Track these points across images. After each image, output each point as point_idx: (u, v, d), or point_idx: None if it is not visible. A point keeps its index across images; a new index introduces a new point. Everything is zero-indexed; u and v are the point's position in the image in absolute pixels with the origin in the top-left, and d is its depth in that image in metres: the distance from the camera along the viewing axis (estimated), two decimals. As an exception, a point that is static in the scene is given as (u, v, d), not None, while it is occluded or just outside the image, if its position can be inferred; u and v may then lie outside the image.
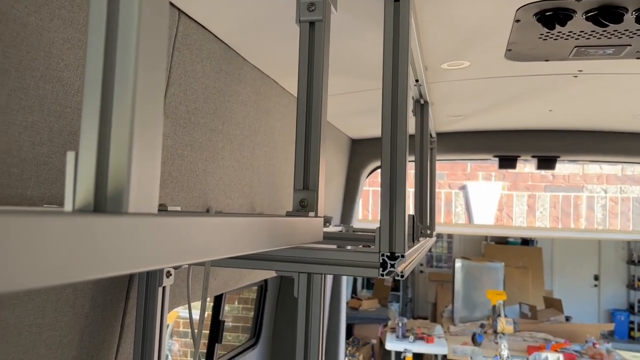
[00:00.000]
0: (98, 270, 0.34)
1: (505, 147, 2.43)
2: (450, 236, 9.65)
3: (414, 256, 1.05)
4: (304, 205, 0.79)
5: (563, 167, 5.28)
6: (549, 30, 1.01)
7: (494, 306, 5.95)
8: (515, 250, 8.59)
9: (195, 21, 1.07)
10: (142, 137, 0.37)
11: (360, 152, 2.74)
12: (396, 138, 0.91)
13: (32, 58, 0.73)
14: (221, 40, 1.18)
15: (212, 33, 1.14)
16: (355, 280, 8.52)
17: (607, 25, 0.95)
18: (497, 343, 5.33)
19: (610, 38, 1.07)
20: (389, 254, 0.86)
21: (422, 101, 1.73)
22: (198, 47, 1.10)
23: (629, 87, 1.60)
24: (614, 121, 2.10)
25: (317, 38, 0.84)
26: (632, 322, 9.02)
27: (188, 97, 1.10)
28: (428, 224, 1.82)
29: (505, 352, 4.90)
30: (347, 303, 6.95)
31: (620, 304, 9.26)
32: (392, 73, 0.91)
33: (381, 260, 0.86)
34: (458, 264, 7.49)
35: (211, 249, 0.48)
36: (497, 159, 2.45)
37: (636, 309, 9.05)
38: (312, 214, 0.78)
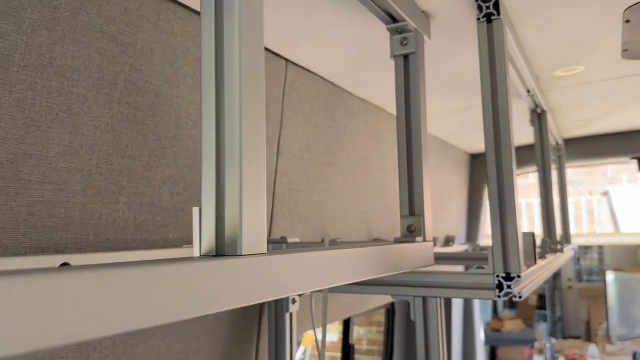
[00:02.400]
0: (222, 304, 0.41)
1: None
2: (600, 246, 8.76)
3: (536, 275, 1.01)
4: (412, 231, 0.82)
5: None
6: (665, 25, 0.93)
7: (656, 323, 5.28)
8: (680, 259, 7.53)
9: (301, 67, 1.16)
10: (250, 194, 0.44)
11: (480, 166, 2.66)
12: (501, 153, 0.90)
13: (166, 122, 0.86)
14: (326, 80, 1.27)
15: (317, 75, 1.23)
16: (495, 301, 8.09)
17: None
18: (665, 365, 4.70)
19: None
20: (504, 275, 0.84)
21: (538, 110, 1.66)
22: (305, 90, 1.19)
23: None
24: None
25: (412, 69, 0.88)
26: None
27: (299, 136, 1.19)
28: (558, 239, 1.71)
29: (675, 375, 4.29)
30: (489, 324, 6.61)
31: None
32: (490, 90, 0.91)
33: (497, 282, 0.84)
34: (610, 276, 6.80)
35: (320, 278, 0.53)
36: (635, 160, 2.23)
37: None
38: (419, 239, 0.81)
